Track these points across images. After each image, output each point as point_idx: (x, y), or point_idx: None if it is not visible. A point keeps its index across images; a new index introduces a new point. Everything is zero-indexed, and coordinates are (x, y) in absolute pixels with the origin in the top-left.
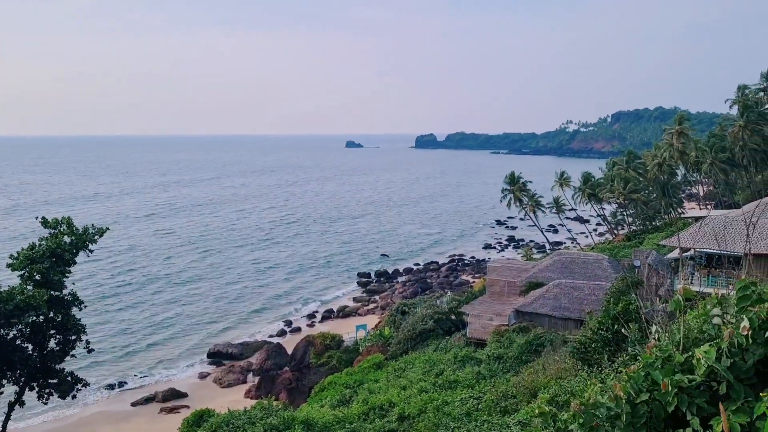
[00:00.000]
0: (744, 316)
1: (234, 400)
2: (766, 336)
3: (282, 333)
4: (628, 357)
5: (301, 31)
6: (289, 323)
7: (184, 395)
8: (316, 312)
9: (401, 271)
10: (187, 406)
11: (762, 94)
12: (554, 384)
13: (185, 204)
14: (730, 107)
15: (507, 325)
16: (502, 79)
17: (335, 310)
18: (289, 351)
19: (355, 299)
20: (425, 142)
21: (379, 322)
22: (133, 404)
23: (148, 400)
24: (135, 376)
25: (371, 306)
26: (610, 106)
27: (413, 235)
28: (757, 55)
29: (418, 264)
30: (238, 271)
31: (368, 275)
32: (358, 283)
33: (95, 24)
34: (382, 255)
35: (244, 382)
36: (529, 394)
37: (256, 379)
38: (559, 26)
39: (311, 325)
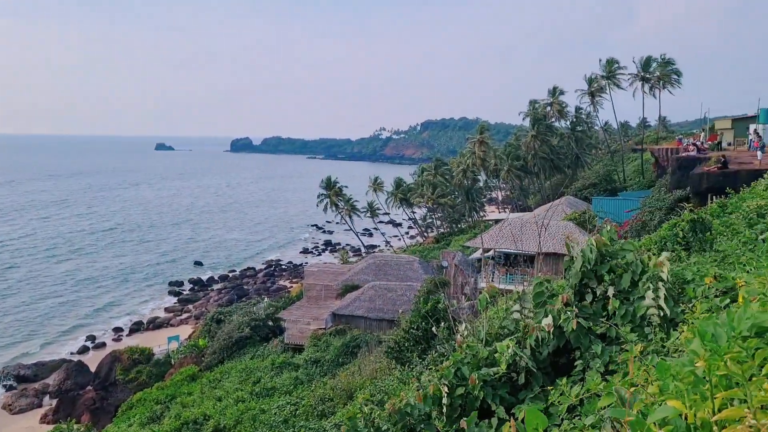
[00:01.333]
0: (548, 313)
1: (28, 426)
2: (558, 326)
3: (84, 350)
4: (437, 354)
5: (104, 25)
6: (92, 338)
7: None
8: (124, 325)
9: (216, 278)
10: None
11: (549, 108)
12: (370, 384)
13: None
14: (523, 119)
15: (324, 329)
16: (319, 84)
17: (145, 322)
18: (93, 368)
19: (167, 309)
20: (241, 145)
21: (193, 332)
22: None
23: None
24: None
25: (184, 316)
26: (419, 115)
27: (230, 241)
28: (546, 74)
29: (234, 271)
30: (39, 288)
31: (181, 284)
32: (170, 292)
33: None
34: (195, 263)
35: (40, 405)
36: (346, 396)
37: (54, 401)
38: (372, 36)
39: (118, 340)
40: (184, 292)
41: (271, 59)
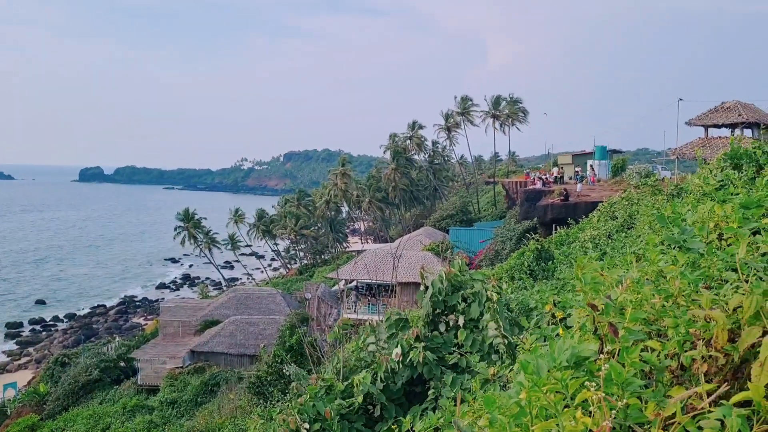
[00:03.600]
0: (397, 343)
1: None
2: (410, 359)
3: None
4: (295, 389)
5: None
6: None
7: None
8: None
9: (62, 317)
10: None
11: (408, 141)
12: (229, 424)
13: None
14: (384, 152)
15: (182, 367)
16: (176, 111)
17: None
18: None
19: (2, 353)
20: (91, 175)
21: (33, 377)
22: None
23: None
24: None
25: (23, 360)
26: (282, 146)
27: (80, 277)
28: (405, 108)
29: (82, 309)
30: None
31: (20, 325)
32: (7, 335)
33: None
34: (37, 301)
35: None
36: None
37: None
38: (231, 65)
39: None
40: (24, 334)
41: (123, 84)
